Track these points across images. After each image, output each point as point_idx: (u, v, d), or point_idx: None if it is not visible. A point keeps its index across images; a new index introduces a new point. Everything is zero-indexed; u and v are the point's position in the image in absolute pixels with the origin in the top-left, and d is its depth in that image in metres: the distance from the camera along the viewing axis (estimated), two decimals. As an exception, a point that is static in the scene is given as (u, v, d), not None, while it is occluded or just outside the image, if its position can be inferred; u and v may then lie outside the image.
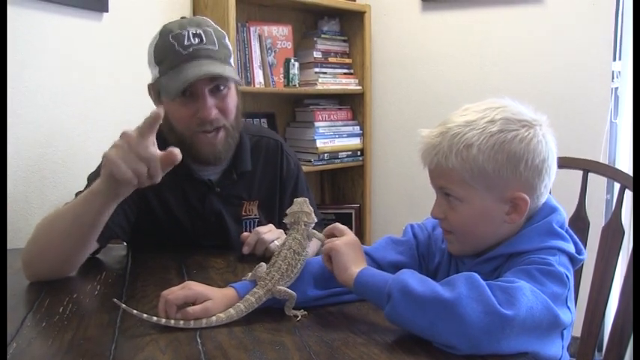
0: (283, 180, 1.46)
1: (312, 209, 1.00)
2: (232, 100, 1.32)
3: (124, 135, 0.97)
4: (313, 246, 1.11)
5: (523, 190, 0.89)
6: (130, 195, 1.13)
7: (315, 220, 1.00)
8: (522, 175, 0.89)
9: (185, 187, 1.37)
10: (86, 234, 1.10)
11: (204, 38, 1.26)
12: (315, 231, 1.01)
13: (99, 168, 1.30)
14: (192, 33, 1.25)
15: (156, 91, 1.32)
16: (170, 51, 1.25)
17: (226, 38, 1.34)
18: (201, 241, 1.38)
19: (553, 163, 0.92)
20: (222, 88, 1.29)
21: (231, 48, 1.35)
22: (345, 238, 0.94)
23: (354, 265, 0.90)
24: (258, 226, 1.40)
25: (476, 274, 0.81)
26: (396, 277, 0.84)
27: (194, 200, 1.37)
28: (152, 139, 0.98)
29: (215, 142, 1.30)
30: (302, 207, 0.99)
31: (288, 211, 0.99)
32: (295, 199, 1.00)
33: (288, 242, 0.96)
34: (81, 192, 1.27)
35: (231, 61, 1.33)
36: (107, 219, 1.09)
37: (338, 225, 0.98)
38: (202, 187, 1.38)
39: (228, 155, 1.36)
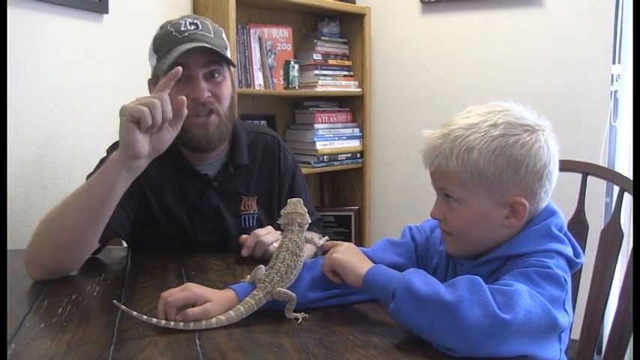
0: (281, 175, 1.47)
1: (306, 210, 1.00)
2: (227, 88, 1.34)
3: (125, 108, 1.05)
4: (309, 250, 1.12)
5: (523, 195, 0.89)
6: (129, 193, 1.14)
7: (309, 220, 1.00)
8: (522, 180, 0.89)
9: (183, 183, 1.37)
10: (103, 207, 1.10)
11: (199, 26, 1.31)
12: (311, 235, 1.01)
13: (97, 167, 1.31)
14: (189, 22, 1.31)
15: (155, 78, 1.34)
16: (167, 37, 1.30)
17: (223, 34, 1.37)
18: (200, 237, 1.39)
19: (554, 169, 0.92)
20: (216, 75, 1.31)
21: (228, 44, 1.37)
22: (341, 248, 0.97)
23: (360, 267, 0.91)
24: (257, 221, 1.41)
25: (479, 278, 0.81)
26: (402, 276, 0.85)
27: (192, 196, 1.38)
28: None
29: (207, 124, 1.31)
30: (296, 208, 0.99)
31: (282, 212, 1.00)
32: (289, 200, 1.01)
33: (285, 244, 0.96)
34: None
35: (228, 53, 1.35)
36: (121, 195, 1.11)
37: (327, 243, 1.02)
38: (200, 182, 1.38)
39: (221, 144, 1.37)
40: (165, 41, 1.30)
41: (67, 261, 1.14)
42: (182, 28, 1.29)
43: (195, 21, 1.32)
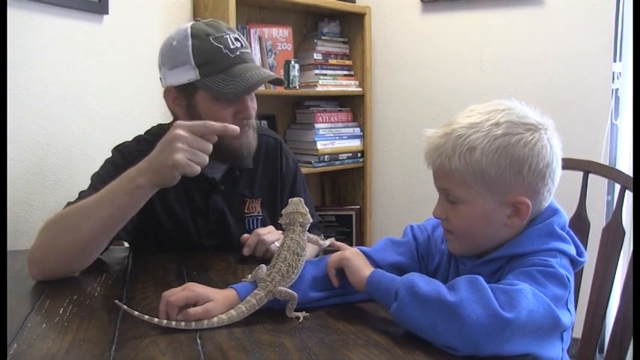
0: (283, 177, 1.48)
1: (308, 209, 1.00)
2: (255, 101, 1.38)
3: (180, 137, 1.04)
4: (311, 249, 1.11)
5: (525, 195, 0.89)
6: None
7: (311, 220, 1.00)
8: (525, 179, 0.88)
9: (188, 186, 1.37)
10: (122, 224, 1.15)
11: (243, 43, 1.32)
12: (315, 236, 1.01)
13: (102, 169, 1.31)
14: (234, 37, 1.30)
15: (189, 91, 1.30)
16: (217, 54, 1.27)
17: None
18: (203, 239, 1.39)
19: (557, 168, 0.91)
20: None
21: None
22: (350, 249, 0.99)
23: (364, 270, 0.93)
24: (261, 223, 1.41)
25: (480, 277, 0.81)
26: (404, 277, 0.85)
27: (197, 199, 1.38)
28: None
29: (250, 139, 1.35)
30: (297, 207, 0.99)
31: (283, 211, 1.00)
32: (290, 200, 1.01)
33: (287, 243, 0.96)
34: (84, 192, 1.27)
35: None
36: None
37: (337, 242, 1.05)
38: (206, 185, 1.38)
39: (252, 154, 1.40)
40: (213, 58, 1.27)
41: (74, 267, 1.16)
42: (231, 46, 1.28)
43: (235, 35, 1.30)
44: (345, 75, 2.72)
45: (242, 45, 1.31)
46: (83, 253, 1.14)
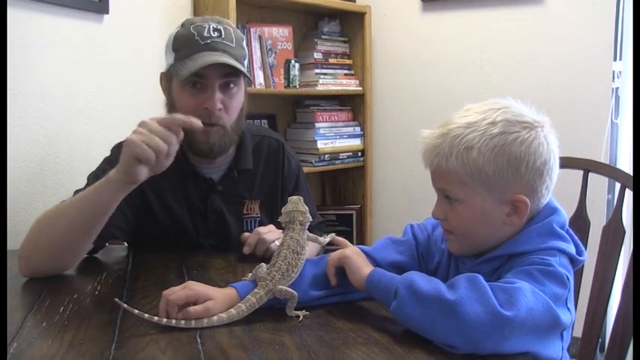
0: (284, 179, 1.47)
1: (307, 208, 1.00)
2: (238, 100, 1.34)
3: (144, 123, 1.05)
4: (311, 248, 1.12)
5: (524, 193, 0.89)
6: (129, 196, 1.14)
7: (310, 218, 1.00)
8: (523, 177, 0.88)
9: (187, 186, 1.37)
10: (96, 221, 1.13)
11: (223, 34, 1.30)
12: (314, 234, 1.01)
13: (98, 169, 1.31)
14: (213, 27, 1.30)
15: (168, 78, 1.34)
16: (189, 40, 1.28)
17: (244, 41, 1.37)
18: (202, 240, 1.39)
19: (555, 165, 0.91)
20: (231, 86, 1.32)
21: (246, 52, 1.37)
22: (351, 248, 0.99)
23: (364, 268, 0.93)
24: (259, 224, 1.40)
25: (479, 275, 0.81)
26: (404, 276, 0.85)
27: (195, 199, 1.38)
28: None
29: (210, 133, 1.30)
30: (297, 206, 0.99)
31: (283, 210, 1.00)
32: (290, 198, 1.00)
33: (287, 242, 0.96)
34: (79, 190, 1.27)
35: (245, 63, 1.36)
36: (116, 207, 1.13)
37: (338, 237, 1.05)
38: (204, 186, 1.39)
39: (223, 152, 1.37)
40: (185, 43, 1.28)
41: (59, 264, 1.16)
42: (205, 34, 1.28)
43: (219, 27, 1.30)
44: (345, 74, 2.72)
45: (220, 35, 1.29)
46: (64, 249, 1.14)
